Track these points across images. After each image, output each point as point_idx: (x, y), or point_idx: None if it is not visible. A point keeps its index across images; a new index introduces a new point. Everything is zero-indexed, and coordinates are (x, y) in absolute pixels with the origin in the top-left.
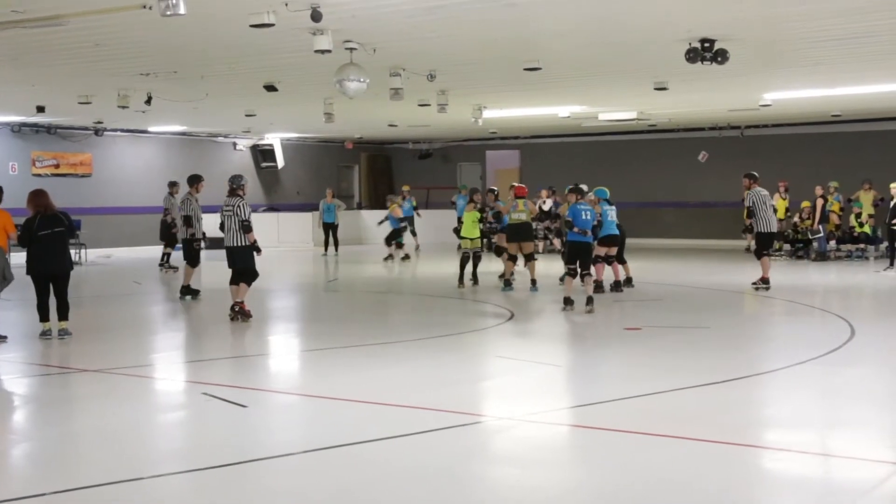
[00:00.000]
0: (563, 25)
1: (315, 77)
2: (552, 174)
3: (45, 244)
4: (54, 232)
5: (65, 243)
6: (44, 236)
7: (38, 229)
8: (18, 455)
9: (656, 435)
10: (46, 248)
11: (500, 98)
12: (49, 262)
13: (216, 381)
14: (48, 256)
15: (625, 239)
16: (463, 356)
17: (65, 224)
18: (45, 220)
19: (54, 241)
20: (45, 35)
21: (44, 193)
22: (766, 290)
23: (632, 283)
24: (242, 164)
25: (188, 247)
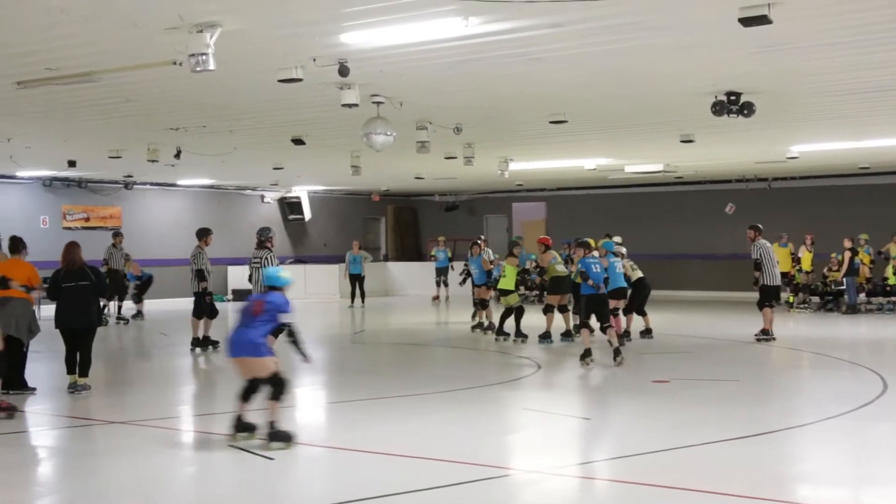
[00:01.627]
0: (588, 79)
1: (342, 130)
2: (578, 226)
3: (69, 297)
4: (78, 285)
5: (88, 298)
6: (67, 289)
7: (63, 282)
8: None
9: (687, 490)
10: (69, 302)
11: (526, 150)
12: (71, 315)
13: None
14: (71, 310)
15: (648, 291)
16: (490, 408)
17: (90, 278)
18: (70, 274)
19: (77, 295)
20: (77, 91)
21: (73, 247)
22: (767, 342)
23: (651, 334)
24: (270, 216)
25: (199, 300)
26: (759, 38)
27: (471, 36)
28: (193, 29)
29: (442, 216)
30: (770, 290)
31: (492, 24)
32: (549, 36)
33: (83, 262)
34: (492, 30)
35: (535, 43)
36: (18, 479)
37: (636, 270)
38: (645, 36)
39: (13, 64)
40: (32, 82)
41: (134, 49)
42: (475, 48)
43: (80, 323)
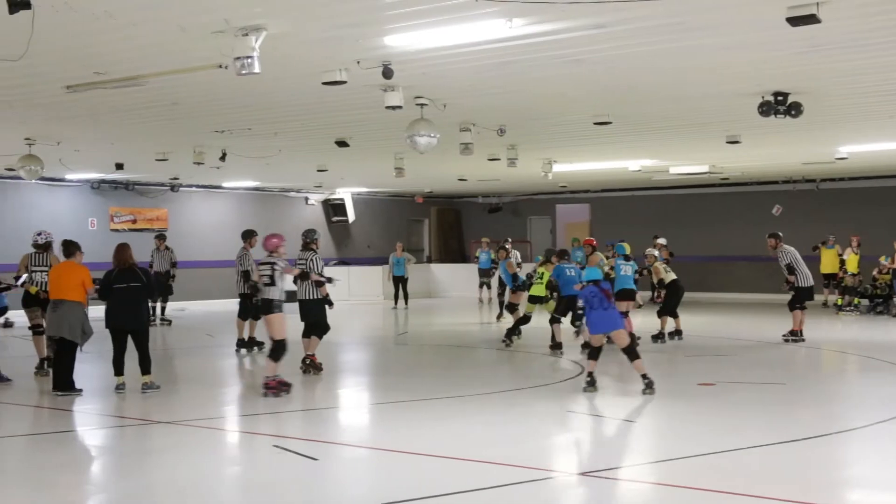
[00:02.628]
0: (632, 80)
1: (386, 132)
2: (622, 228)
3: (120, 298)
4: (129, 286)
5: (140, 298)
6: (118, 290)
7: (114, 283)
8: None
9: (733, 493)
10: (120, 302)
11: (570, 152)
12: (123, 316)
13: (287, 434)
14: (122, 310)
15: (681, 293)
16: (533, 410)
17: (141, 279)
18: (122, 275)
19: (128, 296)
20: (125, 95)
21: (124, 248)
22: (798, 343)
23: (681, 335)
24: (314, 218)
25: (245, 301)
26: (807, 38)
27: (514, 37)
28: (239, 32)
29: (485, 218)
30: (805, 291)
31: (535, 26)
32: (593, 37)
33: (134, 262)
34: (535, 31)
35: (578, 44)
36: (68, 479)
37: (670, 273)
38: (690, 36)
39: (63, 68)
40: (81, 86)
41: (180, 53)
42: (519, 50)
43: (133, 323)
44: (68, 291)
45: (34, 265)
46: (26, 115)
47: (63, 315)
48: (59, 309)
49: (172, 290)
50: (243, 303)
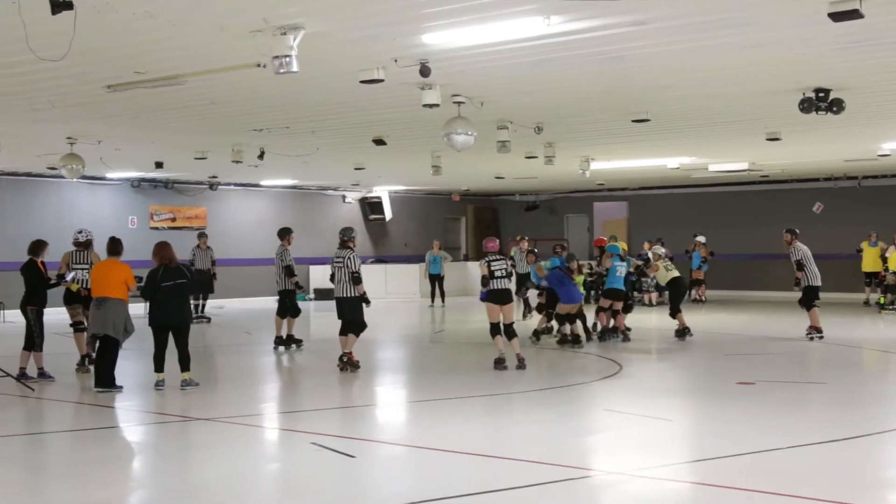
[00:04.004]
0: (671, 77)
1: (423, 131)
2: (661, 226)
3: (167, 296)
4: (176, 284)
5: (186, 295)
6: (166, 288)
7: (161, 281)
8: (135, 503)
9: (773, 494)
10: (168, 300)
11: (608, 150)
12: (170, 313)
13: (325, 431)
14: (169, 308)
15: (683, 290)
16: (571, 409)
17: (187, 276)
18: (168, 272)
19: (175, 293)
20: (165, 94)
21: (167, 246)
22: (820, 339)
23: (686, 333)
24: (351, 216)
25: (284, 299)
26: (850, 33)
27: (552, 35)
28: (277, 32)
29: (522, 216)
30: (812, 290)
31: (574, 23)
32: (632, 34)
33: (177, 260)
34: (573, 28)
35: (617, 41)
36: (110, 474)
37: (671, 271)
38: (730, 33)
39: (103, 68)
40: (122, 86)
41: (219, 52)
42: (557, 47)
43: (177, 320)
44: (111, 289)
45: (75, 263)
46: (68, 114)
47: (106, 312)
48: (102, 306)
49: (214, 289)
50: (282, 300)
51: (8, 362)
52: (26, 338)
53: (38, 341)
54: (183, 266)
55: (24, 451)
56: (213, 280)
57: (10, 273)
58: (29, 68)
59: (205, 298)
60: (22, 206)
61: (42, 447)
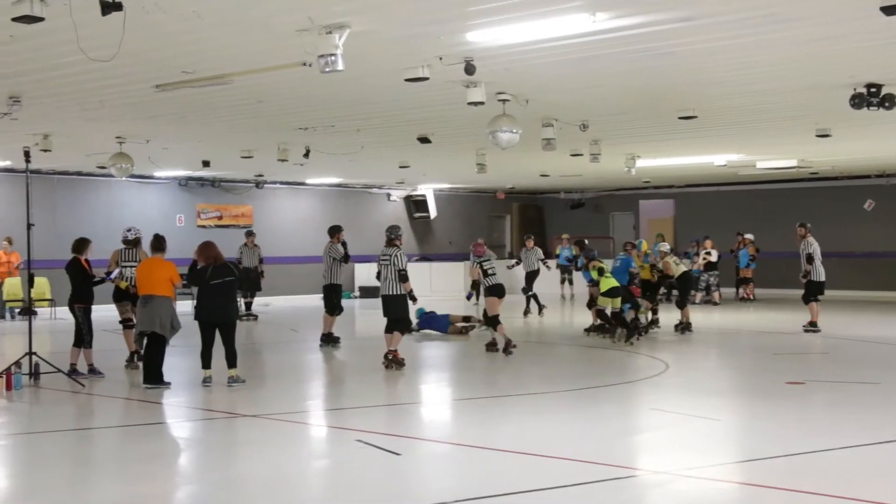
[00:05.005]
0: (719, 73)
1: (468, 128)
2: (707, 224)
3: (215, 293)
4: (225, 281)
5: (232, 293)
6: (215, 285)
7: (210, 278)
8: (182, 498)
9: (822, 495)
10: (215, 297)
11: (654, 147)
12: (217, 310)
13: (370, 429)
14: (216, 305)
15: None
16: (617, 408)
17: (234, 274)
18: (217, 270)
19: (223, 290)
20: (212, 93)
21: (212, 245)
22: (815, 333)
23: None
24: (396, 214)
25: (330, 294)
26: None
27: (598, 31)
28: (323, 30)
29: (567, 214)
30: (817, 285)
31: (620, 20)
32: (680, 30)
33: (223, 259)
34: (620, 25)
35: (664, 37)
36: (157, 469)
37: (679, 265)
38: (779, 28)
39: (152, 68)
40: (170, 85)
41: (266, 51)
42: (602, 44)
43: (224, 317)
44: (158, 286)
45: (124, 261)
46: (117, 114)
47: (153, 310)
48: (149, 304)
49: (261, 287)
50: (328, 296)
51: (59, 358)
52: (76, 334)
53: (87, 338)
54: (230, 264)
55: (74, 446)
56: (260, 278)
57: (62, 270)
58: (80, 69)
59: (252, 296)
60: (72, 204)
61: (91, 442)
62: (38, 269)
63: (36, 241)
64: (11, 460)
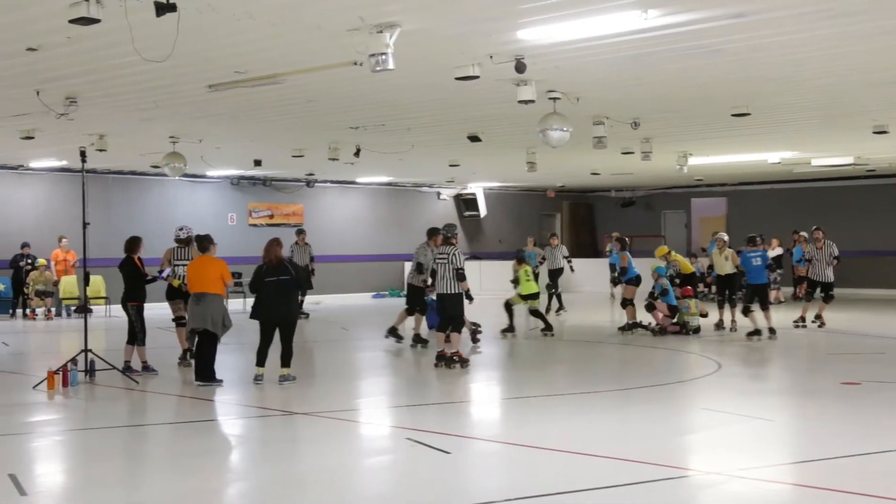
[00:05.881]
0: (772, 70)
1: (518, 127)
2: (761, 222)
3: (270, 291)
4: (279, 280)
5: (289, 292)
6: (269, 283)
7: (265, 277)
8: (234, 494)
9: (878, 497)
10: (270, 295)
11: (707, 145)
12: (272, 308)
13: (420, 427)
14: (272, 303)
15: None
16: (668, 407)
17: (290, 273)
18: (272, 269)
19: (278, 289)
20: (264, 93)
21: (271, 244)
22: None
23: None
24: (446, 213)
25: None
26: None
27: (650, 29)
28: (374, 30)
29: (618, 212)
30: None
31: (672, 17)
32: (732, 27)
33: (282, 257)
34: (672, 22)
35: (716, 34)
36: (210, 466)
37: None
38: (835, 23)
39: (205, 68)
40: (222, 85)
41: (317, 51)
42: (654, 41)
43: (281, 316)
44: (209, 285)
45: (176, 259)
46: (171, 113)
47: (205, 308)
48: (201, 302)
49: (312, 285)
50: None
51: (113, 355)
52: (129, 332)
53: (141, 336)
54: (288, 263)
55: (127, 442)
56: (310, 276)
57: (116, 269)
58: (134, 69)
59: (303, 294)
60: (127, 203)
61: (145, 438)
62: (93, 268)
63: (91, 240)
64: (68, 455)
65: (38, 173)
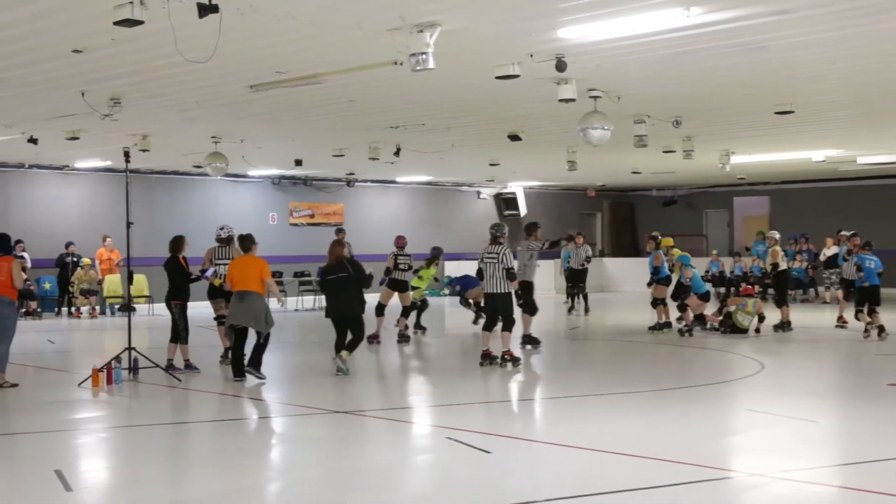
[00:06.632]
0: (817, 67)
1: (558, 126)
2: (805, 221)
3: (332, 289)
4: (339, 277)
5: (348, 288)
6: (330, 282)
7: (326, 275)
8: (274, 492)
9: None
10: (333, 293)
11: (749, 143)
12: (335, 305)
13: (460, 426)
14: (334, 300)
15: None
16: (711, 408)
17: (348, 270)
18: (332, 268)
19: (339, 287)
20: (304, 93)
21: (334, 244)
22: None
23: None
24: (486, 212)
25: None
26: None
27: (692, 26)
28: (414, 29)
29: (659, 211)
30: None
31: (715, 14)
32: (776, 23)
33: (342, 256)
34: (715, 19)
35: (760, 31)
36: (251, 463)
37: (783, 262)
38: (879, 19)
39: (246, 69)
40: (263, 85)
41: (357, 51)
42: (697, 39)
43: (342, 312)
44: (251, 283)
45: (218, 258)
46: (213, 114)
47: (248, 305)
48: (244, 300)
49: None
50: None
51: (156, 354)
52: (172, 331)
53: (184, 334)
54: (347, 261)
55: (170, 440)
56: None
57: (159, 268)
58: (177, 70)
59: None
60: (169, 203)
61: (187, 436)
62: (136, 267)
63: (135, 239)
64: (112, 452)
65: (82, 173)
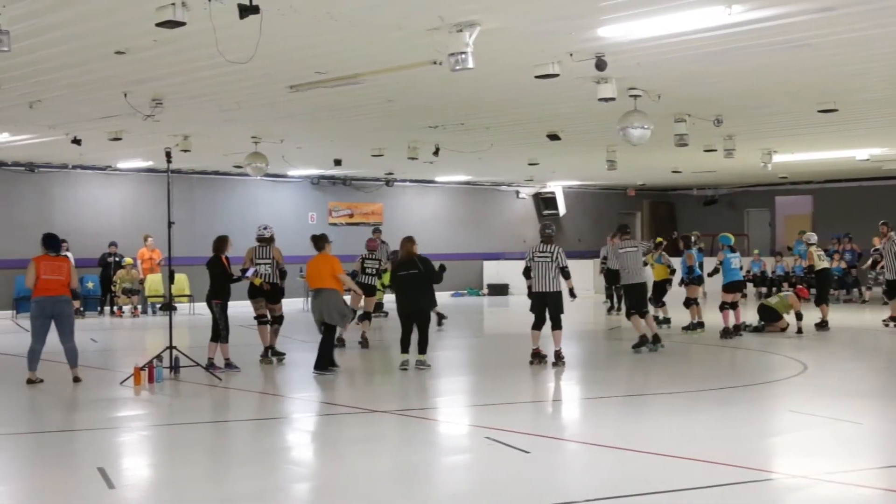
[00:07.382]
0: (861, 65)
1: (598, 125)
2: (848, 221)
3: (403, 285)
4: (409, 273)
5: (418, 285)
6: (401, 277)
7: (398, 271)
8: (311, 489)
9: None
10: (403, 289)
11: (792, 142)
12: (404, 301)
13: (500, 426)
14: (404, 296)
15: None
16: (753, 409)
17: (418, 267)
18: (403, 264)
19: (409, 282)
20: (344, 93)
21: (405, 241)
22: None
23: (827, 326)
24: (525, 212)
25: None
26: None
27: (734, 24)
28: (453, 29)
29: (700, 211)
30: None
31: (757, 11)
32: (819, 21)
33: (413, 252)
34: (757, 17)
35: (802, 29)
36: (290, 462)
37: (823, 260)
38: None
39: (286, 69)
40: (303, 86)
41: (396, 51)
42: (738, 37)
43: (411, 307)
44: (325, 280)
45: (258, 258)
46: (253, 114)
47: (322, 302)
48: (318, 297)
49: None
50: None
51: (197, 352)
52: (213, 330)
53: (224, 334)
54: (418, 258)
55: (210, 438)
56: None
57: (200, 267)
58: (218, 71)
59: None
60: (209, 203)
61: (227, 434)
62: (177, 266)
63: (176, 239)
64: (153, 450)
65: (125, 174)
